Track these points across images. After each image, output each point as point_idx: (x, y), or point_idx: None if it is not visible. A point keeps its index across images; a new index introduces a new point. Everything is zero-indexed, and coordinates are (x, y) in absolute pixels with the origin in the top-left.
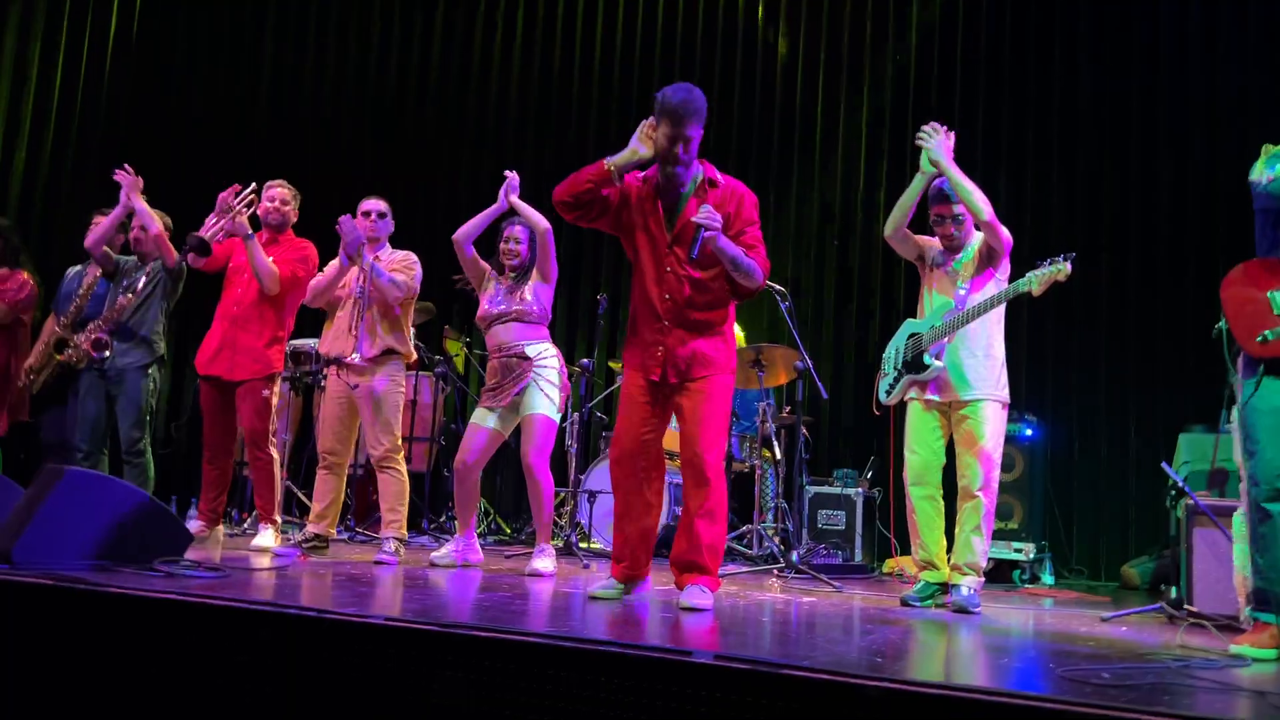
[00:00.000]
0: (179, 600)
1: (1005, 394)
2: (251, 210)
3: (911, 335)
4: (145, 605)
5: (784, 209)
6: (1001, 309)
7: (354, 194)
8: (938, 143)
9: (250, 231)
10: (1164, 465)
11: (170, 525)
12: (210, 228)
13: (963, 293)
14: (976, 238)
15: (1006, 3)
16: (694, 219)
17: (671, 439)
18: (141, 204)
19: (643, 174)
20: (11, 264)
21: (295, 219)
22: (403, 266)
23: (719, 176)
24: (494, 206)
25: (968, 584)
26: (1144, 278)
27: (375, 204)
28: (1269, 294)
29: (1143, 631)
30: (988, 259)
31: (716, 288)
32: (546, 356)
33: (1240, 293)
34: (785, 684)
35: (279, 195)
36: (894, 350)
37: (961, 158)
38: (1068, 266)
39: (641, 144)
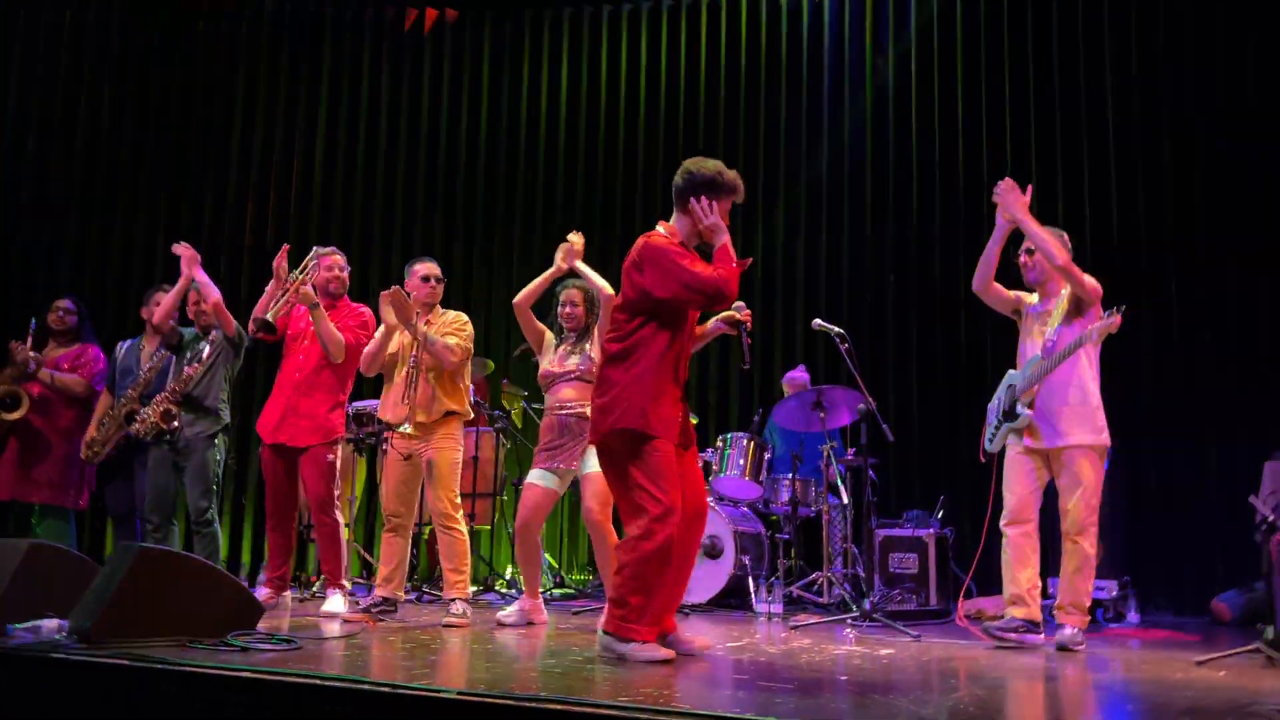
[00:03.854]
0: (253, 678)
1: (1104, 438)
2: (310, 280)
3: (1010, 386)
4: (221, 682)
5: (837, 244)
6: (1094, 354)
7: (406, 255)
8: (1013, 199)
9: (317, 301)
10: (1251, 499)
11: (241, 598)
12: (272, 299)
13: (1050, 342)
14: (1067, 288)
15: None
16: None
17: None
18: (202, 275)
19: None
20: (85, 338)
21: (348, 284)
22: (455, 329)
23: None
24: (551, 270)
25: (1071, 624)
26: (1217, 301)
27: (433, 269)
28: None
29: (1242, 675)
30: (1077, 309)
31: None
32: None
33: None
34: None
35: (336, 263)
36: (996, 401)
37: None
38: (1118, 319)
39: None
